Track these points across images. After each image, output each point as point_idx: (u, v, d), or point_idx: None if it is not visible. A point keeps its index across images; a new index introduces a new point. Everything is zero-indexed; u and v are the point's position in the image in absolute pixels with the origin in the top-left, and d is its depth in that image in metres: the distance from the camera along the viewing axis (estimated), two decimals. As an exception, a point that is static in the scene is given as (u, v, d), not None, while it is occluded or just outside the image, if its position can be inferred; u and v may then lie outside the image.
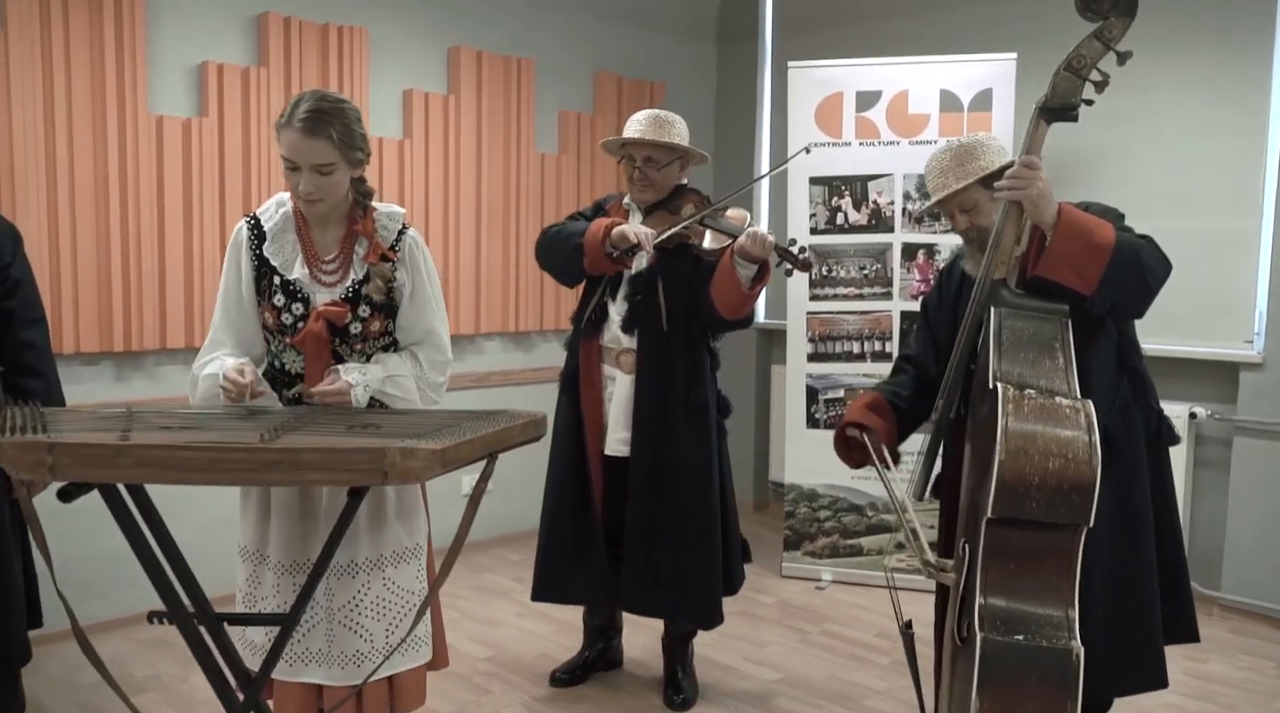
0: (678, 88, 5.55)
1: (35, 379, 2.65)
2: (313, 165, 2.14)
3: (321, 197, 2.19)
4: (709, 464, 3.08)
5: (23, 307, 2.64)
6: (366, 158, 2.26)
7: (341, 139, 2.15)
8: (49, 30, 3.42)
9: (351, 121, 2.19)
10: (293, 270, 2.27)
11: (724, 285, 2.90)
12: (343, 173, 2.20)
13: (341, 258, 2.29)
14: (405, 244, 2.33)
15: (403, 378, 2.32)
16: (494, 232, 4.75)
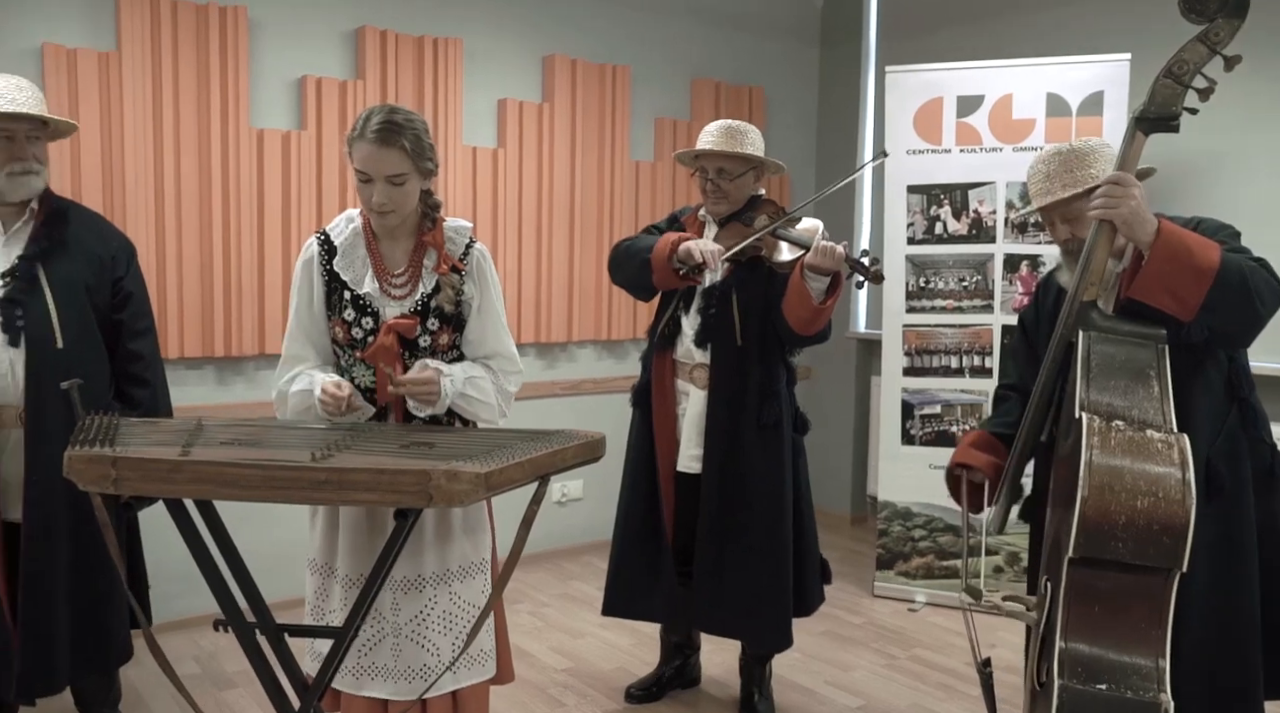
0: (777, 93, 5.45)
1: (141, 388, 2.79)
2: (386, 176, 2.16)
3: (394, 207, 2.21)
4: (782, 483, 2.99)
5: (132, 318, 2.78)
6: (435, 169, 2.28)
7: (413, 150, 2.18)
8: (159, 48, 3.57)
9: (421, 133, 2.22)
10: (363, 285, 2.29)
11: (795, 299, 2.82)
12: (414, 184, 2.22)
13: (410, 271, 2.31)
14: (473, 257, 2.34)
15: (481, 380, 2.32)
16: (588, 240, 4.75)
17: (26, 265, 2.58)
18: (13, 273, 2.56)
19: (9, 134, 2.55)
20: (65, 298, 2.61)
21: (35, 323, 2.56)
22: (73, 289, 2.63)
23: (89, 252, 2.69)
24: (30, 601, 2.56)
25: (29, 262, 2.58)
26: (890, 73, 4.30)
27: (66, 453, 1.79)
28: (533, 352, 4.72)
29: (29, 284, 2.57)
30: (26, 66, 3.37)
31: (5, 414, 2.57)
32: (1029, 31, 4.67)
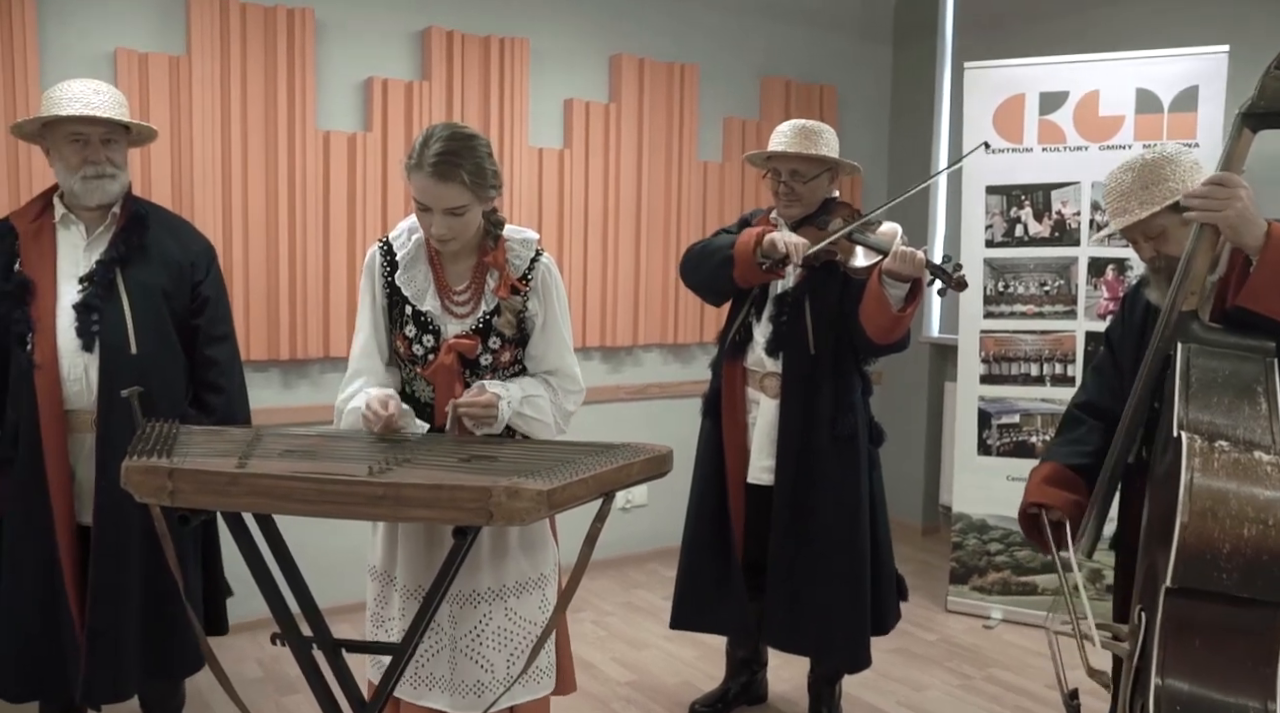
0: (849, 91, 5.31)
1: (216, 394, 2.76)
2: (445, 209, 2.09)
3: (454, 236, 2.15)
4: (857, 496, 2.88)
5: (209, 324, 2.75)
6: (499, 191, 2.20)
7: (473, 180, 2.09)
8: (228, 52, 3.58)
9: (483, 159, 2.12)
10: (424, 301, 2.24)
11: (873, 307, 2.70)
12: (475, 212, 2.16)
13: (473, 289, 2.25)
14: (538, 272, 2.27)
15: (539, 399, 2.26)
16: (654, 241, 4.67)
17: (104, 270, 2.57)
18: (91, 278, 2.56)
19: (83, 138, 2.54)
20: (142, 303, 2.60)
21: (110, 329, 2.55)
22: (150, 295, 2.62)
23: (168, 256, 2.67)
24: (98, 606, 2.55)
25: (107, 267, 2.57)
26: (969, 69, 4.15)
27: (124, 463, 1.76)
28: (598, 356, 4.66)
29: (106, 290, 2.56)
30: (100, 72, 3.40)
31: (80, 419, 2.57)
32: (1116, 24, 4.47)
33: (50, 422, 2.52)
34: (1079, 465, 2.22)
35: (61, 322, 2.53)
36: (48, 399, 2.51)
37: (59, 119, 2.52)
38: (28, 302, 2.52)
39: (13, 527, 2.56)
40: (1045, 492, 2.20)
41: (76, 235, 2.61)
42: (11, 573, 2.56)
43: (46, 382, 2.51)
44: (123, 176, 2.62)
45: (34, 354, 2.50)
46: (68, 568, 2.56)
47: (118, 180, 2.60)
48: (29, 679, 2.58)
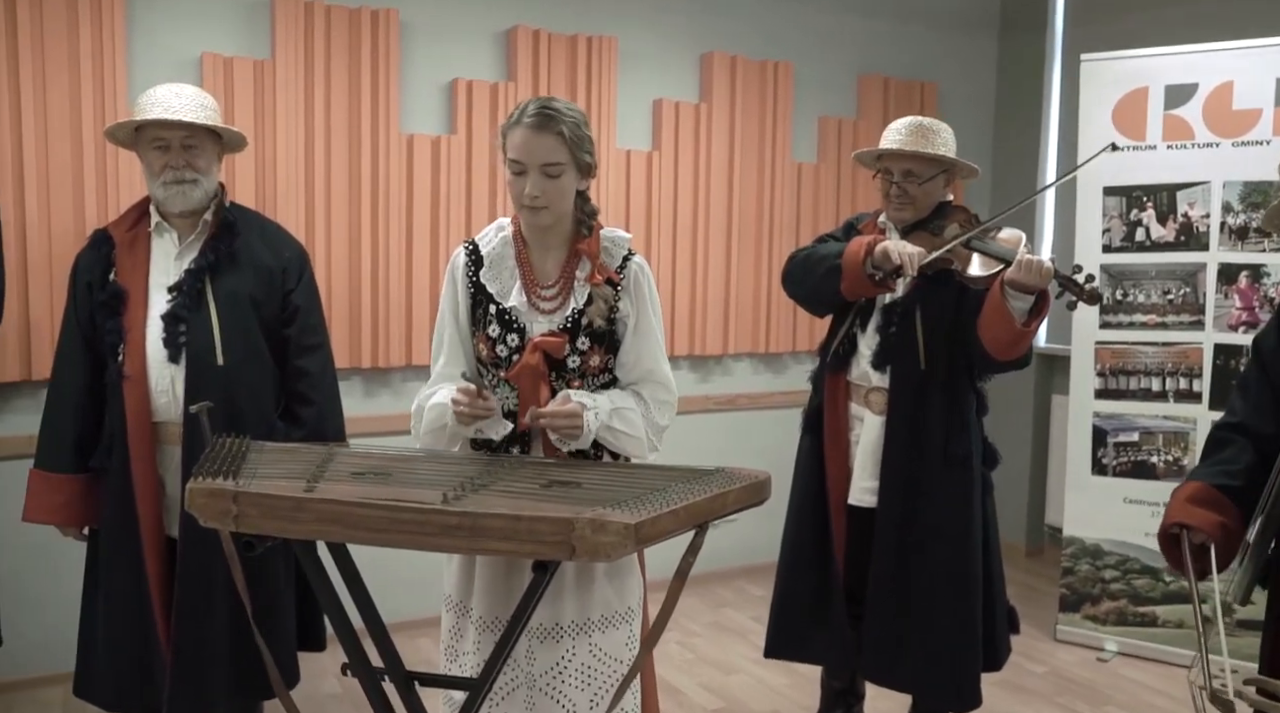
0: (952, 88, 5.05)
1: (306, 406, 2.64)
2: (541, 164, 1.98)
3: (547, 202, 2.02)
4: (968, 523, 2.66)
5: (300, 334, 2.64)
6: (593, 166, 2.08)
7: (571, 138, 2.00)
8: (311, 55, 3.52)
9: (580, 123, 2.04)
10: (509, 297, 2.11)
11: (993, 320, 2.48)
12: (570, 179, 2.03)
13: (562, 283, 2.12)
14: (631, 271, 2.13)
15: (629, 411, 2.10)
16: (745, 246, 4.49)
17: (192, 279, 2.49)
18: (179, 287, 2.49)
19: (164, 143, 2.47)
20: (230, 313, 2.51)
21: (198, 339, 2.47)
22: (238, 304, 2.53)
23: (259, 263, 2.57)
24: (182, 622, 2.48)
25: (195, 276, 2.50)
26: (1086, 61, 3.87)
27: (188, 484, 1.66)
28: (686, 365, 4.50)
29: (194, 300, 2.48)
30: (186, 76, 3.36)
31: (168, 431, 2.50)
32: (1250, 8, 4.14)
33: (138, 433, 2.46)
34: (1227, 486, 1.97)
35: (151, 332, 2.48)
36: (136, 410, 2.46)
37: (143, 125, 2.46)
38: (120, 312, 2.47)
39: (108, 536, 2.54)
40: (1189, 511, 1.96)
41: (169, 243, 2.54)
42: (107, 582, 2.54)
43: (135, 393, 2.46)
44: (206, 182, 2.52)
45: (124, 365, 2.46)
46: (154, 581, 2.50)
47: (200, 186, 2.50)
48: (121, 689, 2.55)
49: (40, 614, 3.29)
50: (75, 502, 2.53)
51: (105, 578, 2.54)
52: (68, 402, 2.53)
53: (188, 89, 2.52)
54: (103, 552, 2.55)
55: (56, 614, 3.27)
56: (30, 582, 3.27)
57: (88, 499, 2.54)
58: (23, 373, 3.21)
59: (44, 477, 2.54)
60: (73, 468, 2.52)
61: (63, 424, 2.53)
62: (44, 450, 2.55)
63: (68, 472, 2.52)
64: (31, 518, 2.55)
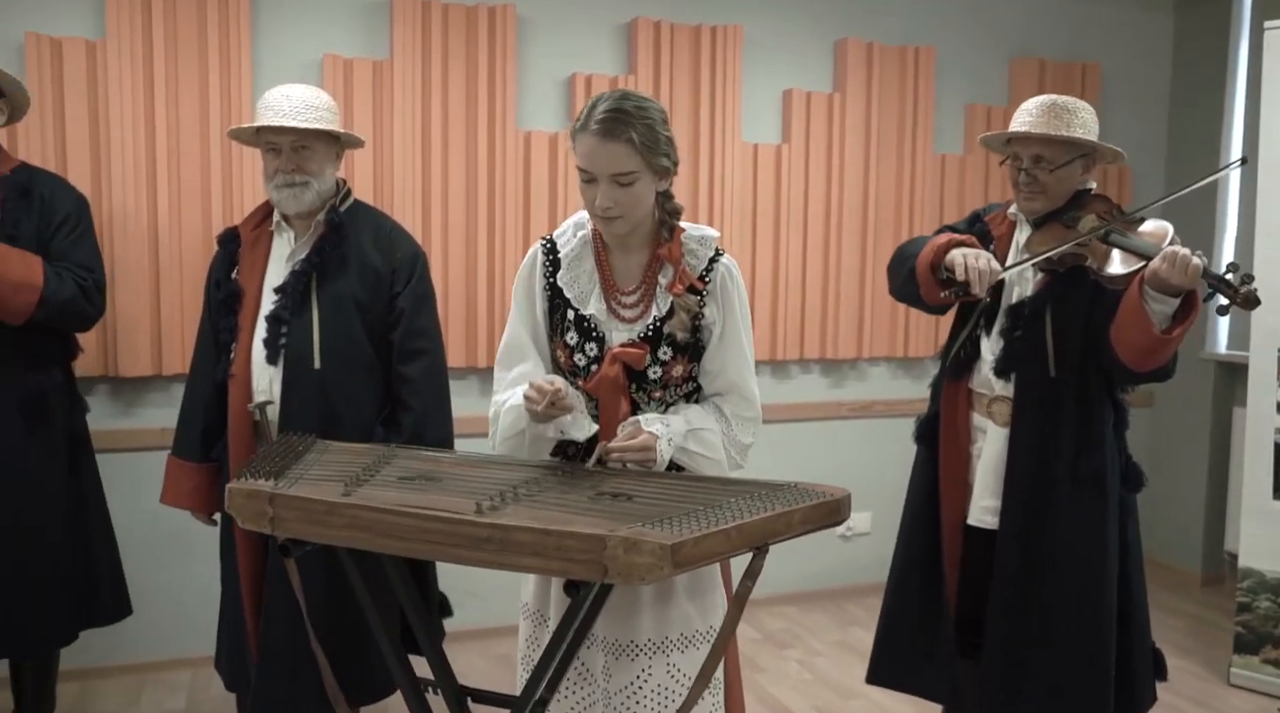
0: (1118, 69, 4.62)
1: (406, 413, 2.59)
2: (611, 175, 1.82)
3: (621, 212, 1.87)
4: (1103, 550, 2.37)
5: (404, 338, 2.58)
6: (674, 167, 1.91)
7: (644, 143, 1.82)
8: (429, 53, 3.52)
9: (656, 124, 1.85)
10: (588, 304, 1.98)
11: (1129, 323, 2.18)
12: (646, 185, 1.87)
13: (644, 289, 1.97)
14: (717, 274, 1.96)
15: (708, 433, 1.94)
16: (882, 245, 4.23)
17: (297, 281, 2.49)
18: (284, 288, 2.50)
19: (275, 147, 2.48)
20: (331, 317, 2.49)
21: (297, 342, 2.47)
22: (341, 307, 2.50)
23: (367, 265, 2.53)
24: (270, 627, 2.49)
25: (300, 277, 2.50)
26: (1271, 29, 3.43)
27: (229, 485, 1.63)
28: (817, 369, 4.28)
29: (298, 301, 2.48)
30: (308, 78, 3.42)
31: (266, 432, 2.51)
32: None
33: (238, 431, 2.50)
34: None
35: (257, 332, 2.51)
36: (237, 409, 2.50)
37: (258, 128, 2.49)
38: (236, 311, 2.52)
39: (224, 528, 2.64)
40: None
41: (286, 244, 2.57)
42: (226, 571, 2.63)
43: (238, 391, 2.50)
44: (318, 183, 2.50)
45: (230, 364, 2.52)
46: (245, 580, 2.52)
47: (311, 188, 2.49)
48: (237, 674, 2.62)
49: (171, 599, 3.42)
50: (203, 488, 2.62)
51: (223, 572, 2.64)
52: (198, 394, 2.63)
53: (298, 90, 2.51)
54: (223, 540, 2.64)
55: (187, 599, 3.39)
56: (163, 568, 3.39)
57: (214, 487, 2.62)
58: (154, 368, 3.33)
59: (178, 464, 2.64)
60: (199, 457, 2.62)
61: (193, 416, 2.63)
62: (178, 439, 2.65)
63: (195, 460, 2.62)
64: (167, 501, 2.66)
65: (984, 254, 2.25)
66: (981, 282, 2.20)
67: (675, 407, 1.98)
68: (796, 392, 4.24)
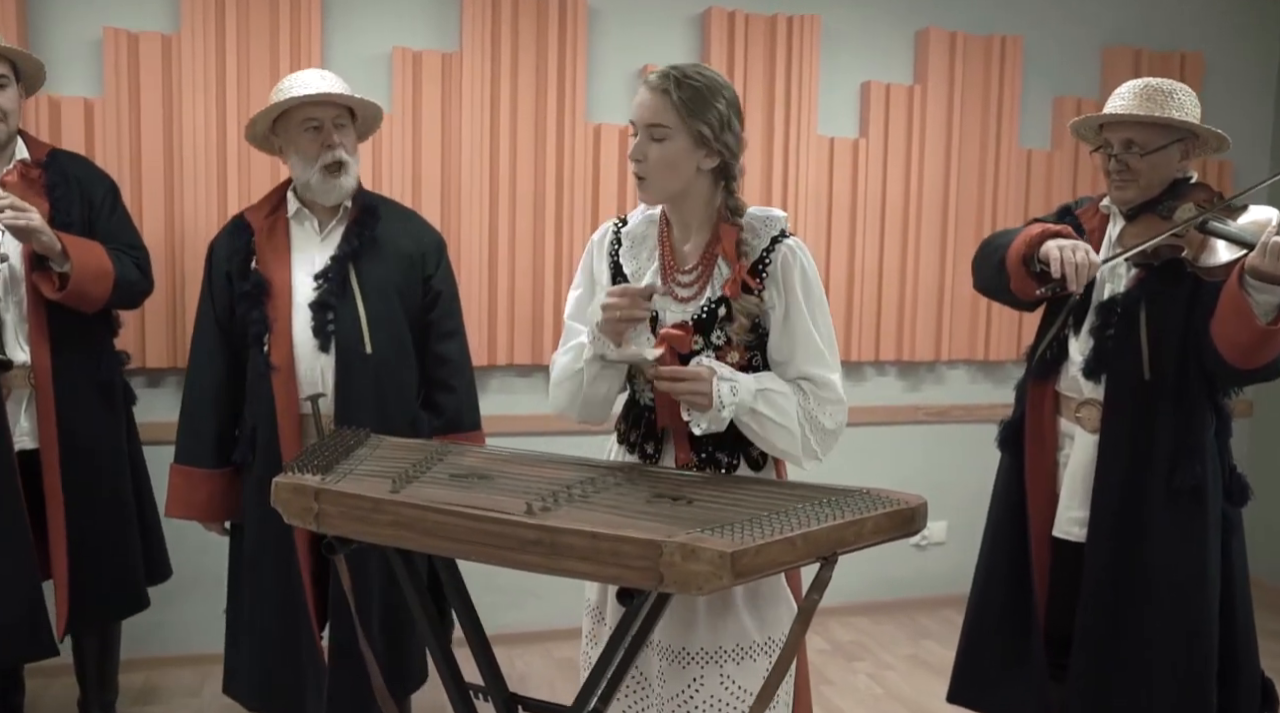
0: (1221, 59, 4.37)
1: (447, 394, 2.63)
2: (646, 125, 1.78)
3: (647, 171, 1.80)
4: (1203, 569, 2.21)
5: (441, 318, 2.64)
6: (722, 146, 1.81)
7: (685, 103, 1.75)
8: (498, 45, 3.47)
9: (708, 93, 1.78)
10: (644, 281, 1.92)
11: (1230, 317, 2.02)
12: (680, 148, 1.78)
13: (701, 271, 1.88)
14: (778, 257, 1.84)
15: (780, 397, 1.79)
16: (963, 243, 4.06)
17: (338, 266, 2.47)
18: (325, 275, 2.47)
19: (317, 123, 2.45)
20: (375, 300, 2.48)
21: (346, 327, 2.45)
22: (383, 291, 2.51)
23: (400, 250, 2.56)
24: (341, 621, 2.45)
25: (341, 262, 2.48)
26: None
27: (275, 479, 1.58)
28: (893, 371, 4.13)
29: (340, 286, 2.46)
30: (377, 71, 3.40)
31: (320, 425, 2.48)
32: None
33: (288, 426, 2.44)
34: None
35: (298, 322, 2.46)
36: (285, 402, 2.43)
37: (291, 109, 2.44)
38: (264, 301, 2.45)
39: (255, 534, 2.51)
40: None
41: (310, 231, 2.53)
42: (252, 582, 2.53)
43: (285, 384, 2.43)
44: (355, 168, 2.51)
45: (271, 356, 2.44)
46: (308, 580, 2.47)
47: (352, 175, 2.49)
48: (268, 689, 2.54)
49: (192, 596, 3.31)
50: (217, 497, 2.52)
51: (251, 577, 2.53)
52: (207, 396, 2.52)
53: (325, 72, 2.53)
54: (248, 550, 2.53)
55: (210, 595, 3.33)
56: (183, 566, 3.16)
57: (229, 495, 2.54)
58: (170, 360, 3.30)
59: (186, 473, 2.52)
60: (214, 463, 2.51)
61: (202, 419, 2.52)
62: (185, 446, 2.54)
63: (209, 467, 2.51)
64: (173, 513, 2.55)
65: (1081, 245, 2.11)
66: (1079, 276, 2.07)
67: None
68: (871, 395, 4.10)
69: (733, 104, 1.82)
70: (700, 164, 1.80)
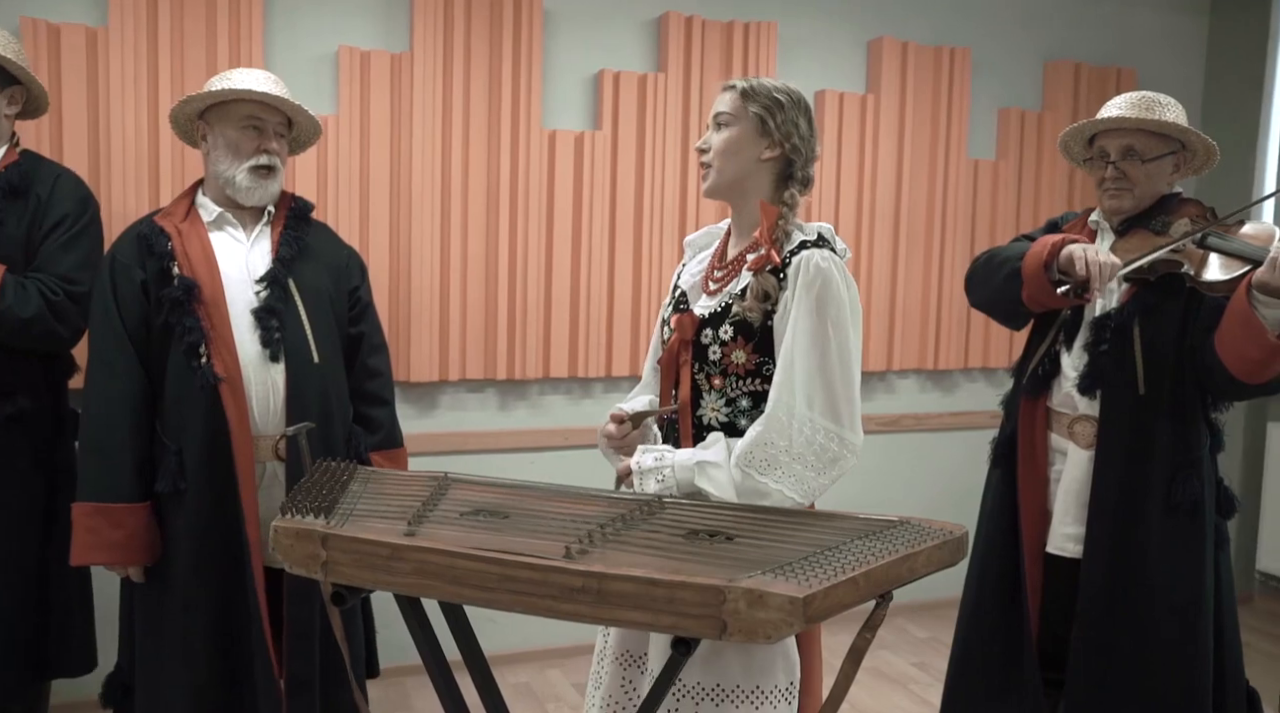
0: (1152, 75, 4.48)
1: (380, 408, 2.53)
2: (714, 114, 1.86)
3: (711, 158, 1.83)
4: (1200, 586, 2.21)
5: (372, 332, 2.55)
6: (783, 137, 1.80)
7: (749, 96, 1.81)
8: (450, 48, 3.32)
9: (773, 89, 1.82)
10: (687, 276, 1.95)
11: (1238, 334, 2.02)
12: (742, 136, 1.80)
13: (734, 265, 1.86)
14: (798, 263, 1.76)
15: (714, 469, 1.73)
16: (914, 252, 4.07)
17: (283, 270, 2.31)
18: (270, 279, 2.30)
19: (259, 124, 2.32)
20: (315, 307, 2.35)
21: (293, 336, 2.29)
22: (319, 297, 2.37)
23: (327, 258, 2.45)
24: (296, 654, 2.29)
25: (284, 266, 2.32)
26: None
27: (274, 523, 1.43)
28: (844, 380, 4.10)
29: (284, 292, 2.30)
30: (323, 71, 3.22)
31: (263, 445, 2.28)
32: None
33: (241, 445, 2.23)
34: None
35: (240, 329, 2.26)
36: (237, 417, 2.22)
37: (234, 102, 2.28)
38: (195, 308, 2.22)
39: (185, 574, 2.25)
40: None
41: (228, 237, 2.35)
42: (179, 629, 2.26)
43: (233, 397, 2.22)
44: (282, 177, 2.40)
45: (214, 367, 2.21)
46: (267, 621, 2.26)
47: (278, 180, 2.37)
48: None
49: None
50: (139, 535, 2.21)
51: (178, 624, 2.25)
52: (120, 419, 2.21)
53: (271, 76, 2.39)
54: (179, 593, 2.25)
55: None
56: None
57: (152, 531, 2.25)
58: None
59: (97, 510, 2.18)
60: (136, 495, 2.21)
61: (116, 446, 2.20)
62: (93, 479, 2.20)
63: (130, 500, 2.20)
64: (82, 560, 2.21)
65: (1101, 249, 2.09)
66: (1102, 277, 2.05)
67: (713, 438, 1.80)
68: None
69: (799, 105, 1.83)
70: (761, 154, 1.80)
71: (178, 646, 2.26)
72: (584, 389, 3.64)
